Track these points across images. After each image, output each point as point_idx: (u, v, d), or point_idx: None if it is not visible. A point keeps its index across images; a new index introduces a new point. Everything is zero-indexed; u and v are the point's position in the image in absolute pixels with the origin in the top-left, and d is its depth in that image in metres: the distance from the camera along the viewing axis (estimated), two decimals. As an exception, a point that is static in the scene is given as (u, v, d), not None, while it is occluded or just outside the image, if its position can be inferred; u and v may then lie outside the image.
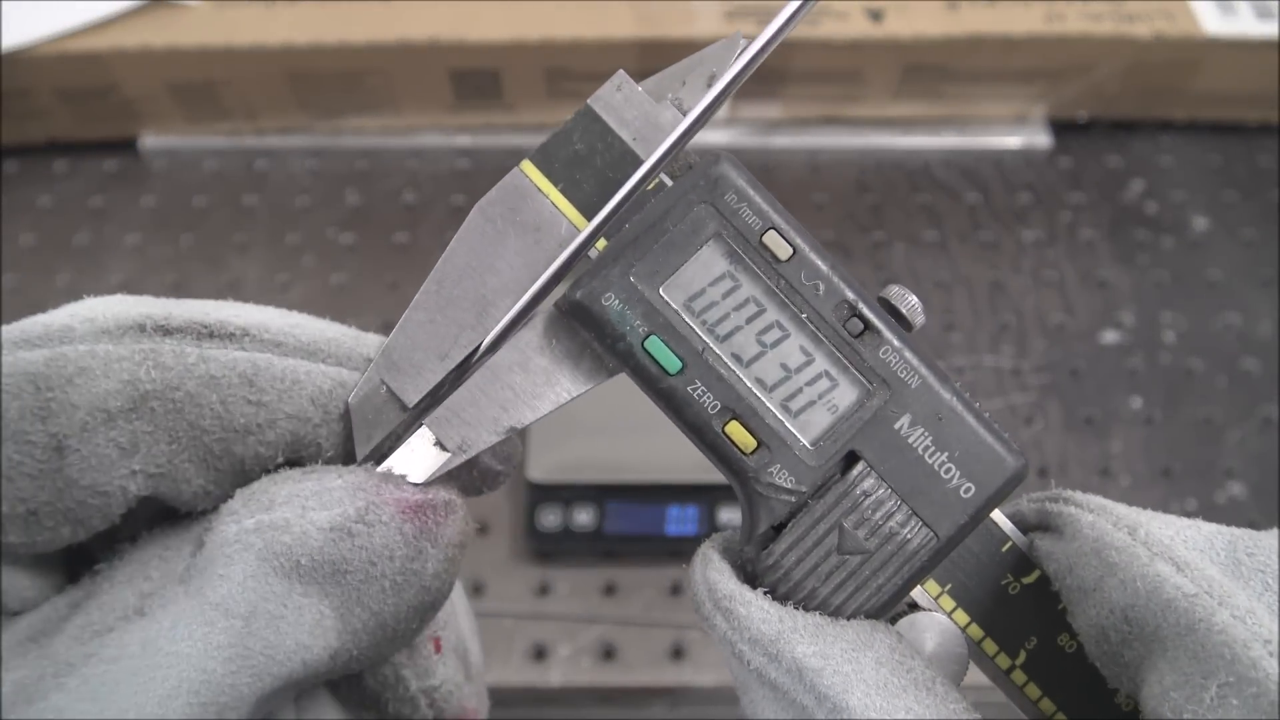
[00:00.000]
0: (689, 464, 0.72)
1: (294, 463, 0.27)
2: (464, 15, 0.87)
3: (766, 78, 0.91)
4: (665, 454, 0.71)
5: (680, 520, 0.71)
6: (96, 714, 0.22)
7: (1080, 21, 0.89)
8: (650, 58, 0.88)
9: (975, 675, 0.28)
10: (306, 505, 0.25)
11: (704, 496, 0.71)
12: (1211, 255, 0.89)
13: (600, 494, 0.72)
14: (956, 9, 0.89)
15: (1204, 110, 0.96)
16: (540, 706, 0.70)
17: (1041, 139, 0.96)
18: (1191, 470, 0.78)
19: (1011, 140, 0.96)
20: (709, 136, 0.94)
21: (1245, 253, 0.89)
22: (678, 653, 0.70)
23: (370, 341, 0.28)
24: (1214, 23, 0.89)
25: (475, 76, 0.90)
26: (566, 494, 0.72)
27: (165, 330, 0.25)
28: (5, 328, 0.25)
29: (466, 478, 0.29)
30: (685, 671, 0.70)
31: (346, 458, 0.27)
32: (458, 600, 0.33)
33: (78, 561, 0.27)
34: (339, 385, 0.27)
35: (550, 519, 0.72)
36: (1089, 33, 0.88)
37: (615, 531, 0.72)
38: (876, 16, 0.89)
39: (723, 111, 0.94)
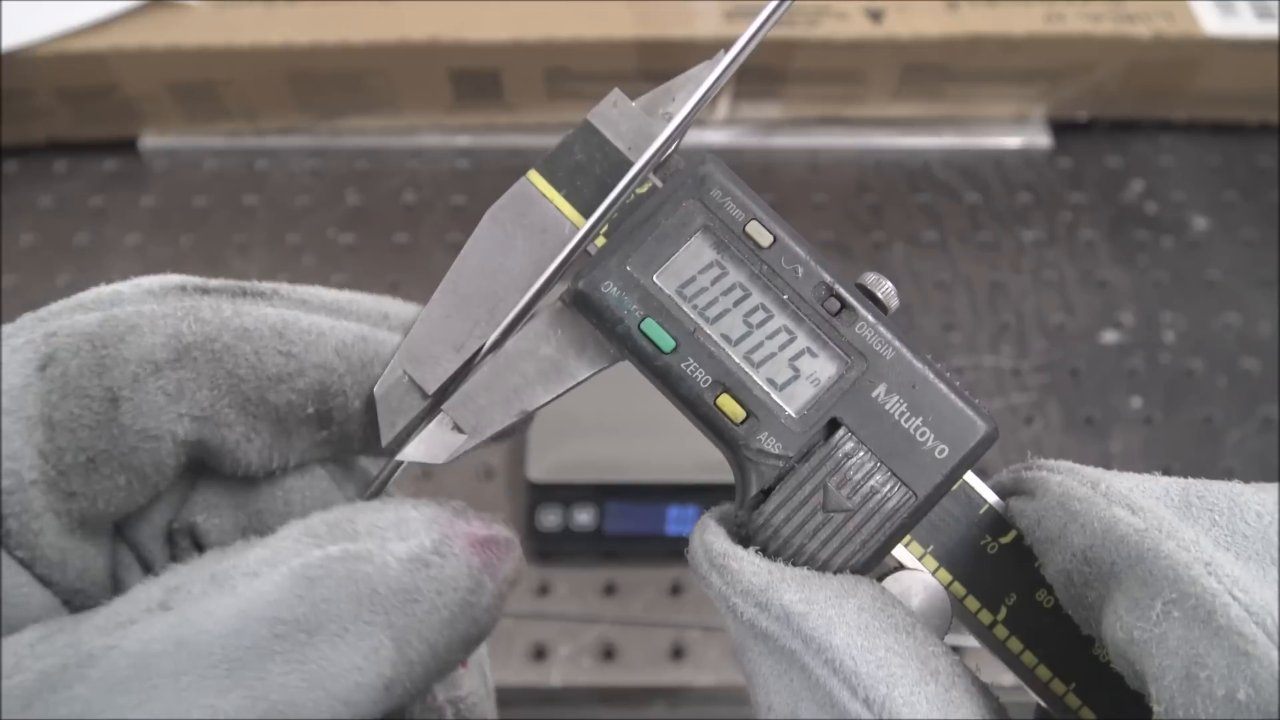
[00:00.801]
0: (689, 464, 0.72)
1: (323, 414, 0.29)
2: (464, 15, 0.87)
3: (766, 78, 0.91)
4: (665, 454, 0.71)
5: (680, 520, 0.71)
6: (121, 707, 0.22)
7: (1080, 21, 0.89)
8: (650, 58, 0.88)
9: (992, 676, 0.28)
10: (387, 536, 0.26)
11: (704, 496, 0.71)
12: (1211, 255, 0.89)
13: (600, 494, 0.72)
14: (956, 9, 0.89)
15: (1204, 110, 0.96)
16: (540, 706, 0.70)
17: (1041, 139, 0.96)
18: (1191, 470, 0.78)
19: (1011, 140, 0.96)
20: (710, 137, 0.94)
21: (1245, 253, 0.89)
22: (678, 653, 0.70)
23: (385, 302, 0.31)
24: (1214, 23, 0.89)
25: (475, 76, 0.90)
26: (566, 494, 0.72)
27: (203, 290, 0.28)
28: (64, 300, 0.27)
29: None
30: (685, 671, 0.70)
31: (368, 407, 0.30)
32: None
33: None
34: (360, 338, 0.29)
35: (550, 519, 0.72)
36: (1089, 33, 0.88)
37: (615, 531, 0.72)
38: (876, 16, 0.89)
39: (722, 111, 0.94)
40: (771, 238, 0.29)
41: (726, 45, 0.30)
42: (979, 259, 0.88)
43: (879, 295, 0.30)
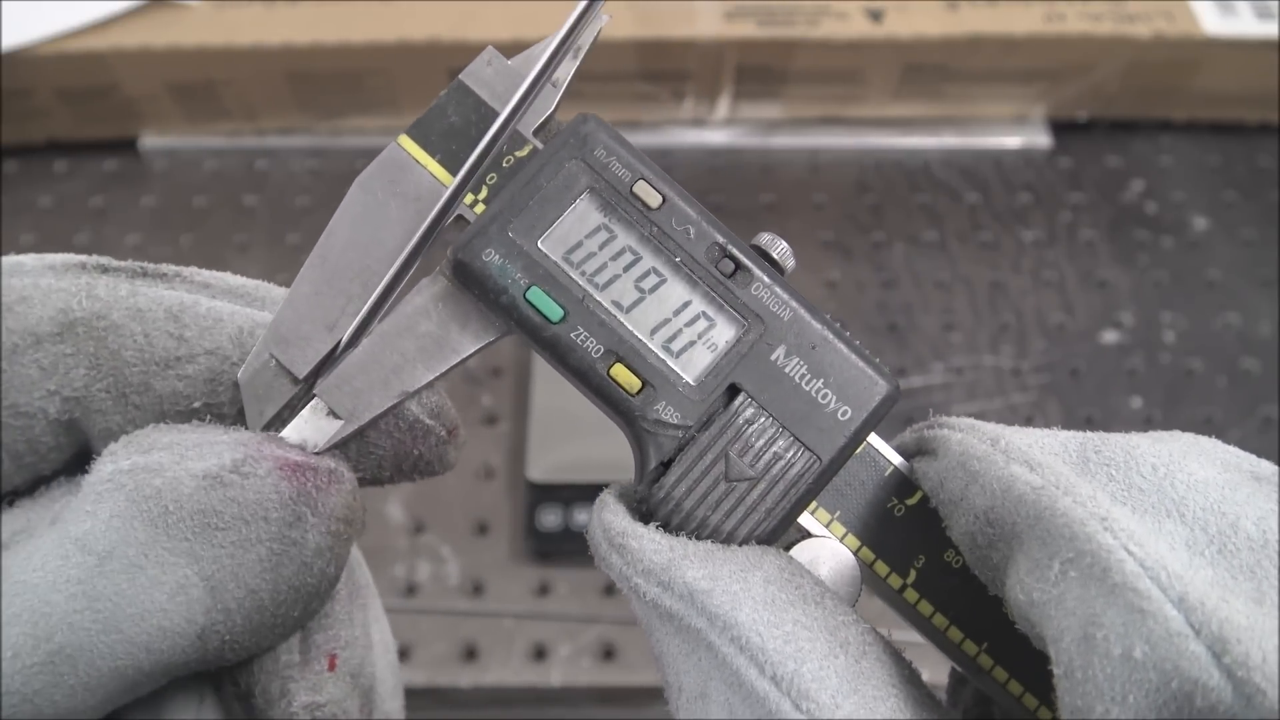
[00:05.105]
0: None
1: (213, 407, 0.27)
2: (464, 15, 0.87)
3: (766, 78, 0.91)
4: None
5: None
6: None
7: (1080, 21, 0.89)
8: (650, 58, 0.87)
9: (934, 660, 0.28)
10: (185, 453, 0.25)
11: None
12: (1211, 255, 0.89)
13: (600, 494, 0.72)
14: (956, 9, 0.89)
15: (1204, 110, 0.96)
16: (540, 706, 0.70)
17: (1041, 139, 0.96)
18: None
19: (1011, 140, 0.96)
20: (711, 137, 0.94)
21: (1245, 253, 0.89)
22: (678, 653, 0.70)
23: None
24: (1214, 23, 0.89)
25: (475, 76, 0.90)
26: (566, 494, 0.72)
27: (104, 269, 0.27)
28: None
29: (407, 443, 0.29)
30: (685, 671, 0.70)
31: None
32: (379, 645, 0.32)
33: None
34: (259, 325, 0.28)
35: (550, 519, 0.72)
36: (1089, 33, 0.88)
37: (615, 531, 0.72)
38: (876, 16, 0.89)
39: (722, 111, 0.94)
40: (660, 198, 0.28)
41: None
42: (979, 259, 0.88)
43: (774, 256, 0.28)
